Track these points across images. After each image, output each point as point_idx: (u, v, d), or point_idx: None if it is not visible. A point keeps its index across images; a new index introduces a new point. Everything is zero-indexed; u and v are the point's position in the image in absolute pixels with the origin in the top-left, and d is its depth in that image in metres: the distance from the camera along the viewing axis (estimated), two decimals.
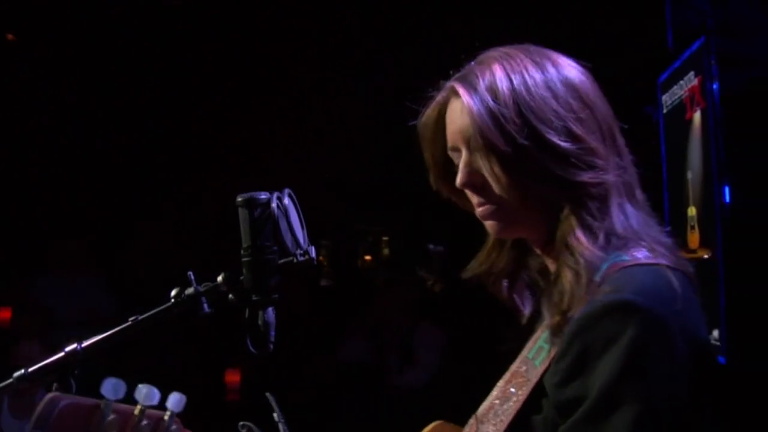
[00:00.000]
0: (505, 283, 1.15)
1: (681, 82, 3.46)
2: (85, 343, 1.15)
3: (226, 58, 5.17)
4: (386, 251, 6.61)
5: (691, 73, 3.25)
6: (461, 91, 1.02)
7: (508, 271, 1.15)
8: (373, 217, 6.22)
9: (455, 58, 1.12)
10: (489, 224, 1.07)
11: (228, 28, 4.99)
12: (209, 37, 5.02)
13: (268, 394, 1.17)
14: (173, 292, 1.13)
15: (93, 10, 4.64)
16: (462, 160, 1.06)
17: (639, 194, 1.06)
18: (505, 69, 1.02)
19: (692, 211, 3.49)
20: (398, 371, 4.64)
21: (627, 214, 1.00)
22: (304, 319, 4.76)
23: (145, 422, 0.98)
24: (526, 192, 1.01)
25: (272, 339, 1.11)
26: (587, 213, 0.98)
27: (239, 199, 1.11)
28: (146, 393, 0.99)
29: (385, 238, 6.60)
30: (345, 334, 4.90)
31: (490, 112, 0.99)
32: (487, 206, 1.05)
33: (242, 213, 1.10)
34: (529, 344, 1.04)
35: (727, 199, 2.92)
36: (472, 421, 1.05)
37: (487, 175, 1.02)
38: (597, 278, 0.93)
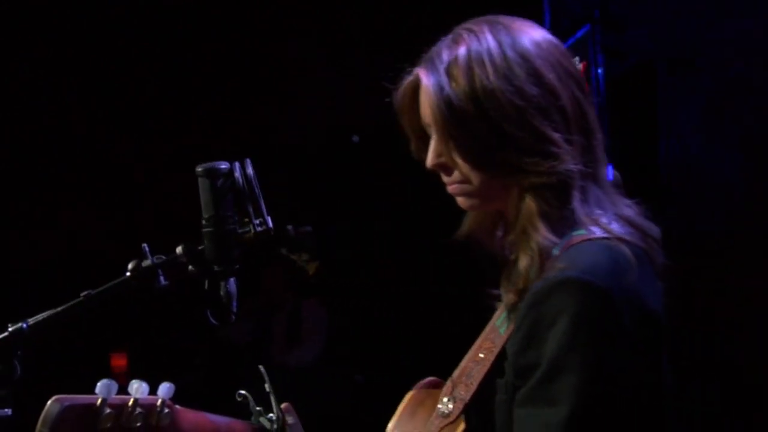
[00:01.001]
0: (493, 234, 1.18)
1: None
2: (31, 321, 1.10)
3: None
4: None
5: (576, 59, 3.41)
6: (424, 78, 1.05)
7: (492, 229, 1.18)
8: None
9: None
10: (459, 200, 1.11)
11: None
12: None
13: (260, 366, 1.15)
14: (130, 265, 1.09)
15: None
16: (432, 142, 1.09)
17: (605, 172, 1.08)
18: (468, 55, 1.02)
19: None
20: (285, 349, 4.64)
21: (588, 200, 1.03)
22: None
23: (138, 411, 0.98)
24: (487, 177, 1.05)
25: (234, 310, 1.09)
26: (545, 201, 1.01)
27: (199, 168, 1.08)
28: (137, 387, 0.99)
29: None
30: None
31: (449, 103, 1.01)
32: (455, 185, 1.09)
33: (203, 183, 1.08)
34: (498, 312, 1.10)
35: (610, 177, 3.09)
36: (448, 383, 1.11)
37: (450, 159, 1.06)
38: (556, 252, 0.99)
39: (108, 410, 0.94)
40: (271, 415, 1.13)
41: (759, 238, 2.69)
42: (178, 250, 1.09)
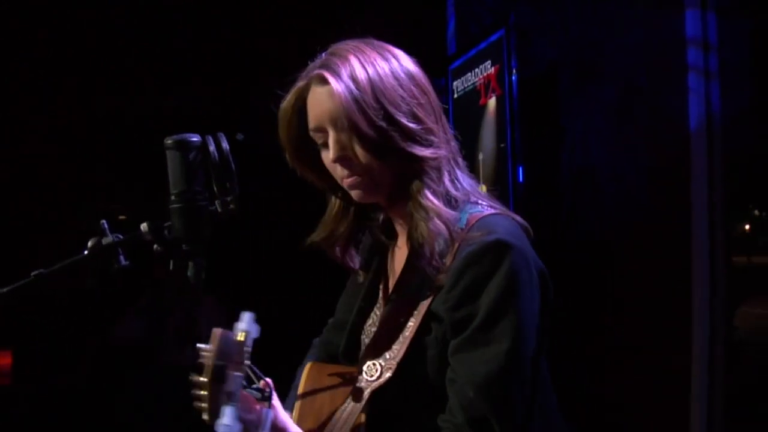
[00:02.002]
0: (338, 246, 1.38)
1: (476, 69, 3.71)
2: None
3: None
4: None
5: (488, 62, 3.51)
6: (330, 78, 1.17)
7: (347, 235, 1.38)
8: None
9: None
10: (355, 193, 1.25)
11: None
12: None
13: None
14: (90, 243, 1.01)
15: None
16: (331, 139, 1.21)
17: (461, 162, 1.30)
18: (360, 60, 1.19)
19: (483, 188, 3.77)
20: (179, 349, 4.48)
21: (458, 179, 1.26)
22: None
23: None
24: (384, 165, 1.20)
25: (201, 289, 1.04)
26: (430, 180, 1.20)
27: (169, 141, 1.02)
28: (248, 319, 1.10)
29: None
30: (122, 313, 4.61)
31: (354, 99, 1.15)
32: (353, 177, 1.23)
33: (174, 155, 1.02)
34: (405, 286, 1.27)
35: (521, 178, 3.22)
36: (363, 351, 1.27)
37: (352, 151, 1.20)
38: (461, 226, 1.18)
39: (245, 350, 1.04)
40: (255, 385, 1.17)
41: (656, 243, 2.84)
42: (143, 227, 1.03)
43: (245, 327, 1.07)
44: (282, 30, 5.47)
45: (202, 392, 1.04)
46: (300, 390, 1.33)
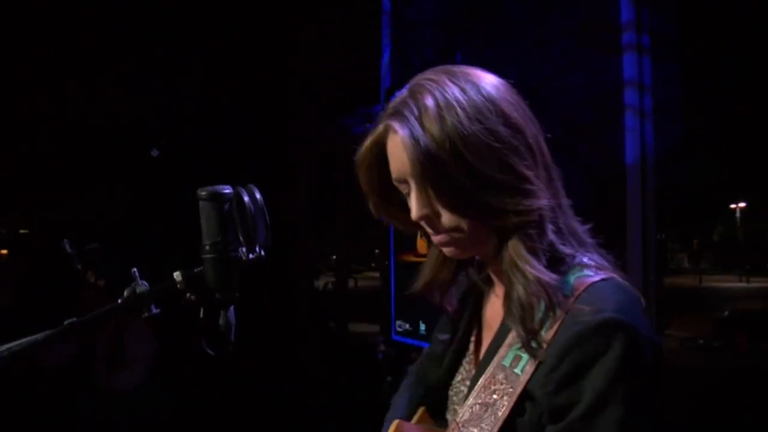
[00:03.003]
0: (439, 292, 1.23)
1: None
2: (4, 350, 0.99)
3: None
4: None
5: (460, 66, 3.55)
6: (399, 130, 1.04)
7: (448, 281, 1.22)
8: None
9: None
10: (446, 251, 1.12)
11: None
12: None
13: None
14: (125, 292, 1.02)
15: None
16: (412, 194, 1.07)
17: (565, 203, 1.11)
18: (439, 103, 1.03)
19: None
20: (108, 373, 4.35)
21: (564, 229, 1.07)
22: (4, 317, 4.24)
23: None
24: (472, 222, 1.05)
25: (233, 339, 1.06)
26: (528, 236, 1.03)
27: (203, 193, 1.03)
28: None
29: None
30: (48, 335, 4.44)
31: (427, 153, 1.01)
32: (440, 236, 1.09)
33: (207, 207, 1.03)
34: (501, 352, 1.09)
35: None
36: (453, 425, 1.10)
37: (434, 210, 1.06)
38: (564, 294, 1.02)
39: None
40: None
41: None
42: (176, 276, 1.04)
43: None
44: (219, 61, 5.47)
45: None
46: None
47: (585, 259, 1.07)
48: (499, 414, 1.03)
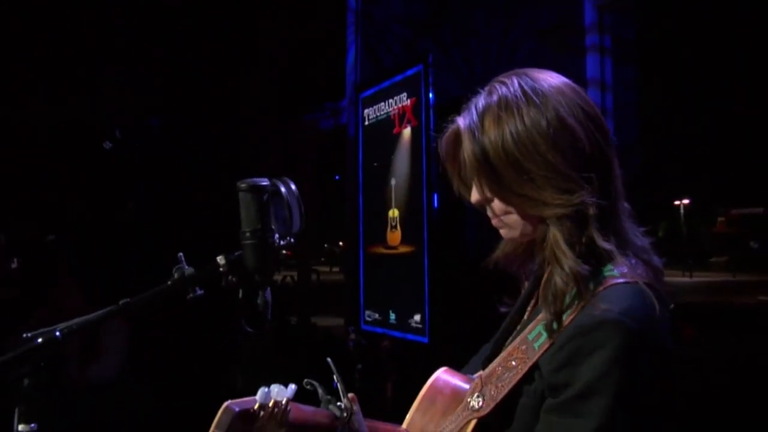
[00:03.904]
0: (516, 264, 1.35)
1: (390, 100, 3.93)
2: (64, 329, 1.09)
3: None
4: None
5: (404, 94, 3.71)
6: (461, 125, 1.19)
7: (524, 257, 1.33)
8: None
9: None
10: (501, 232, 1.26)
11: None
12: None
13: (328, 359, 1.16)
14: (175, 274, 1.11)
15: None
16: (474, 185, 1.23)
17: (623, 205, 1.20)
18: (499, 104, 1.15)
19: (394, 212, 3.98)
20: (80, 366, 4.36)
21: (607, 231, 1.15)
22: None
23: (276, 410, 1.07)
24: (518, 210, 1.19)
25: (269, 318, 1.16)
26: (567, 229, 1.13)
27: (243, 184, 1.14)
28: (277, 391, 1.08)
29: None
30: (14, 326, 4.43)
31: (481, 148, 1.15)
32: (494, 220, 1.24)
33: (247, 197, 1.14)
34: (530, 326, 1.22)
35: (436, 204, 3.43)
36: (477, 380, 1.25)
37: (485, 197, 1.21)
38: (591, 287, 1.12)
39: (261, 413, 1.05)
40: (340, 403, 1.16)
41: None
42: (219, 260, 1.14)
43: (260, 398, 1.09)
44: (187, 53, 5.49)
45: None
46: (421, 393, 1.35)
47: (622, 259, 1.15)
48: (513, 378, 1.17)
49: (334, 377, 1.17)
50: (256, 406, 1.04)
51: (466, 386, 1.29)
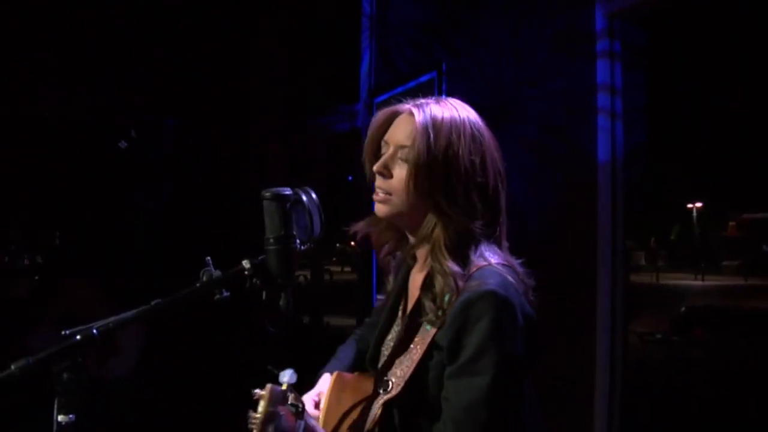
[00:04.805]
0: (382, 250, 1.60)
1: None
2: (100, 326, 1.16)
3: None
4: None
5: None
6: (419, 117, 1.41)
7: (392, 246, 1.59)
8: None
9: None
10: (378, 207, 1.46)
11: None
12: None
13: (269, 366, 1.31)
14: (204, 277, 1.19)
15: None
16: (386, 154, 1.44)
17: (504, 244, 1.48)
18: (451, 120, 1.41)
19: None
20: (98, 362, 4.46)
21: (480, 249, 1.42)
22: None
23: (291, 392, 1.23)
24: (413, 202, 1.40)
25: (293, 318, 1.24)
26: (449, 237, 1.39)
27: (267, 193, 1.23)
28: (290, 374, 1.24)
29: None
30: (32, 325, 4.53)
31: (428, 146, 1.37)
32: (382, 195, 1.44)
33: (271, 206, 1.22)
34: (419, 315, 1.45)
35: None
36: (374, 372, 1.49)
37: (396, 174, 1.42)
38: (462, 280, 1.36)
39: (289, 393, 1.21)
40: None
41: (567, 257, 3.21)
42: (245, 263, 1.22)
43: (287, 379, 1.25)
44: (200, 54, 5.57)
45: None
46: (326, 397, 1.53)
47: (483, 261, 1.41)
48: (415, 357, 1.38)
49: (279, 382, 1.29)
50: (284, 386, 1.21)
51: (367, 380, 1.52)
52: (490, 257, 1.40)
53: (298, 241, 1.26)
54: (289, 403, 1.21)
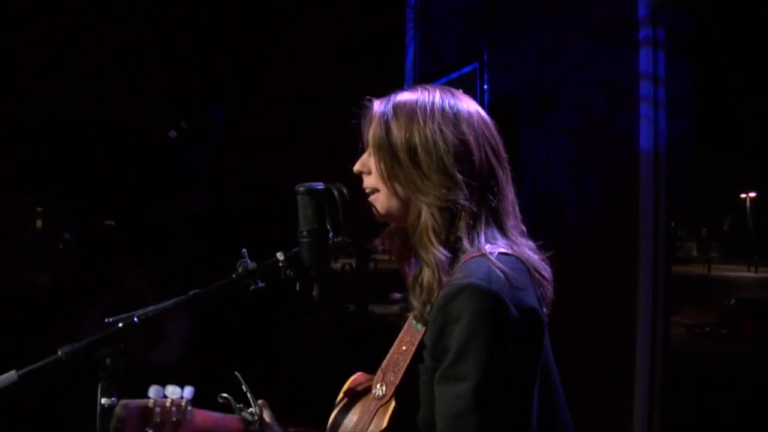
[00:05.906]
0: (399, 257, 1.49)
1: None
2: (141, 315, 1.21)
3: None
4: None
5: (460, 90, 3.73)
6: (378, 108, 1.38)
7: (400, 254, 1.48)
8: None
9: None
10: (373, 210, 1.41)
11: None
12: None
13: (236, 372, 1.36)
14: (240, 268, 1.24)
15: None
16: (365, 154, 1.41)
17: (506, 221, 1.35)
18: (416, 101, 1.35)
19: None
20: (146, 348, 4.56)
21: (477, 234, 1.30)
22: (42, 294, 4.45)
23: (173, 409, 1.25)
24: (394, 186, 1.35)
25: (325, 309, 1.28)
26: (435, 219, 1.29)
27: (301, 188, 1.28)
28: (172, 390, 1.28)
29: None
30: (84, 310, 4.65)
31: (387, 131, 1.34)
32: (370, 193, 1.40)
33: (305, 200, 1.27)
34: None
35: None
36: (379, 372, 1.39)
37: (374, 171, 1.38)
38: (450, 271, 1.26)
39: (157, 409, 1.22)
40: (251, 409, 1.36)
41: (609, 247, 3.19)
42: (279, 255, 1.27)
43: (153, 394, 1.27)
44: (231, 44, 5.65)
45: None
46: (339, 398, 1.47)
47: (476, 247, 1.29)
48: (405, 360, 1.30)
49: (243, 387, 1.32)
50: (150, 403, 1.21)
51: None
52: (485, 244, 1.29)
53: (331, 233, 1.29)
54: (155, 421, 1.22)
